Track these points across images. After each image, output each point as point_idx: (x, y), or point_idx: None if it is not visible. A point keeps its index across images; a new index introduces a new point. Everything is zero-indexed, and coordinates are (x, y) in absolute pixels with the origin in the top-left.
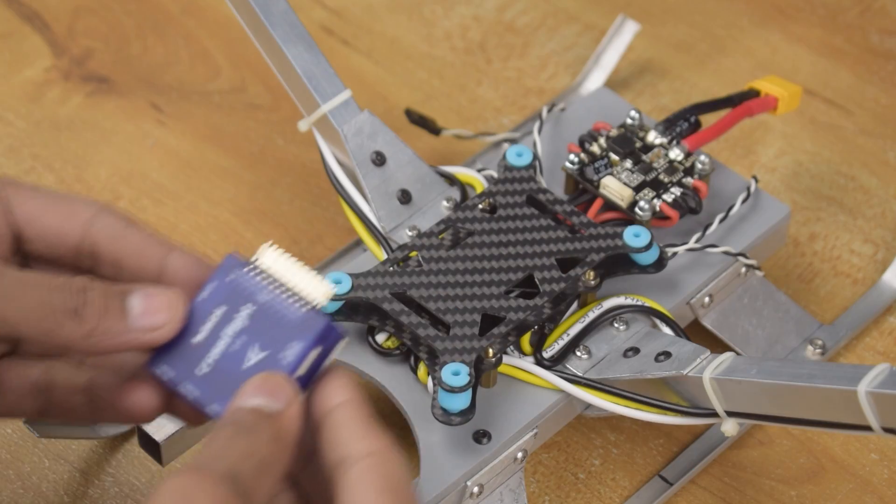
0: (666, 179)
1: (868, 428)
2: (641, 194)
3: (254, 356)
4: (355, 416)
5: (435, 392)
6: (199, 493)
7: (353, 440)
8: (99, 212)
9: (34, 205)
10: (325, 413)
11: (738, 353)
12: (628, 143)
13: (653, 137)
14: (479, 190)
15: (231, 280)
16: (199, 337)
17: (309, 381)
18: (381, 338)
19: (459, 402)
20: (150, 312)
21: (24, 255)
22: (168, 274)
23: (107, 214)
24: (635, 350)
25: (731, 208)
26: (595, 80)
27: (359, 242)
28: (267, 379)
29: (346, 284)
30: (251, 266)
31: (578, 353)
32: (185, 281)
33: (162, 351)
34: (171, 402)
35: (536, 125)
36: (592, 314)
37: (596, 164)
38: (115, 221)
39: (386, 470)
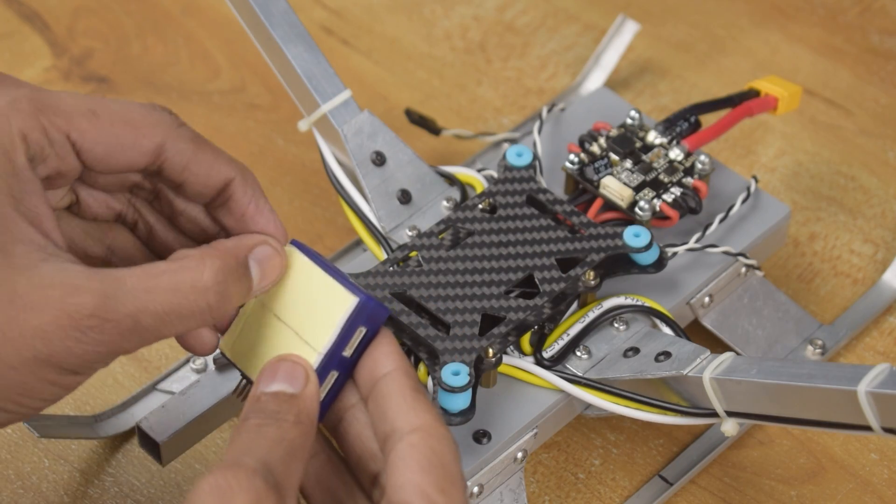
0: (666, 179)
1: (868, 428)
2: (641, 194)
3: None
4: (402, 387)
5: (435, 392)
6: (237, 488)
7: (399, 413)
8: (166, 138)
9: (100, 143)
10: (373, 383)
11: (738, 353)
12: (628, 143)
13: (653, 137)
14: (479, 190)
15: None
16: None
17: (357, 360)
18: None
19: (459, 402)
20: (267, 274)
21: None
22: (229, 203)
23: (175, 140)
24: (635, 350)
25: (731, 208)
26: (595, 80)
27: (359, 242)
28: (280, 363)
29: None
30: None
31: (578, 353)
32: (244, 210)
33: None
34: None
35: (536, 125)
36: (592, 314)
37: (596, 164)
38: (183, 148)
39: (430, 446)
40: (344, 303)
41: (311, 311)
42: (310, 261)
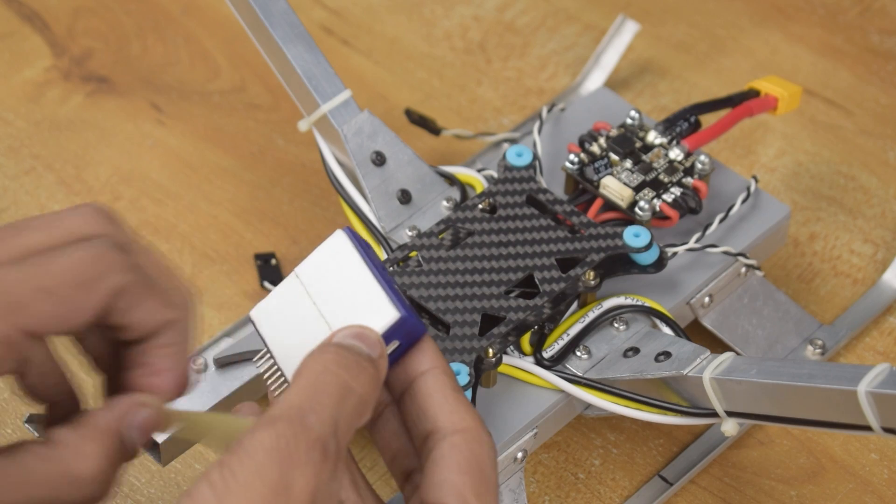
0: (666, 179)
1: (868, 428)
2: (641, 194)
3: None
4: (444, 386)
5: None
6: (298, 462)
7: (441, 413)
8: (118, 289)
9: (54, 318)
10: (413, 379)
11: (738, 353)
12: (628, 143)
13: (653, 137)
14: (479, 190)
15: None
16: None
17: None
18: None
19: None
20: (147, 435)
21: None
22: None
23: (127, 289)
24: (635, 350)
25: (731, 208)
26: (595, 80)
27: None
28: (362, 329)
29: None
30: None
31: (578, 353)
32: (156, 359)
33: None
34: None
35: (536, 125)
36: (592, 314)
37: (596, 164)
38: (132, 293)
39: (473, 449)
40: (385, 315)
41: (351, 312)
42: (359, 257)
